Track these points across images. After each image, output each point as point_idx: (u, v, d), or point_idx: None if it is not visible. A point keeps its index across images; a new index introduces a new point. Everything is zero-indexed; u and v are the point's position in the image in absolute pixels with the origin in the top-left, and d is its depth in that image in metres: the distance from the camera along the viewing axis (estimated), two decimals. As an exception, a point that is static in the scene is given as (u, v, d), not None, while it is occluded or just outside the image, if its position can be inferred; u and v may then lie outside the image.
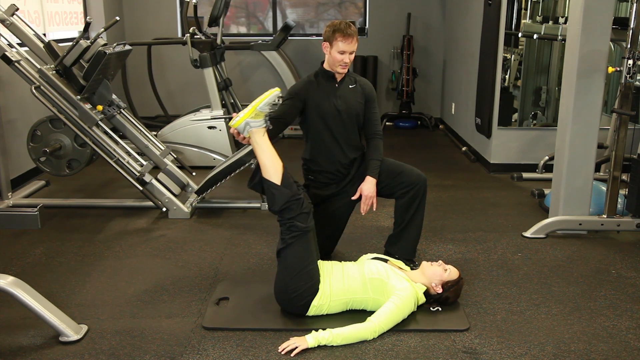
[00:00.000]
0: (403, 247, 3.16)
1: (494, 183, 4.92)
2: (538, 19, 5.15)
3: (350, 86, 3.08)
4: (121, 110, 4.30)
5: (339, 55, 2.96)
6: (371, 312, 2.58)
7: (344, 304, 2.67)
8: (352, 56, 2.98)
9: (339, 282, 2.66)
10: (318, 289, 2.62)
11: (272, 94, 2.68)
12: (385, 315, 2.51)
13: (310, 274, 2.61)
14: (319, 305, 2.62)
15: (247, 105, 2.71)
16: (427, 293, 2.72)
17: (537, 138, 5.14)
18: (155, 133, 4.95)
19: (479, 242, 3.62)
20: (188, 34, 5.45)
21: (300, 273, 2.59)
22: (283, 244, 2.62)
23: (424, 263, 2.80)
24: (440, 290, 2.71)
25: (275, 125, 2.94)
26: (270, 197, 2.65)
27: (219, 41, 5.67)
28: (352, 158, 3.13)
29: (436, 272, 2.72)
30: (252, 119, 2.66)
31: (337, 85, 3.07)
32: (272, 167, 2.65)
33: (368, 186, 3.05)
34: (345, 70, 3.03)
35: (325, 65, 3.06)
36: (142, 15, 7.06)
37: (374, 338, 2.48)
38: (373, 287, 2.65)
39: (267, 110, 2.69)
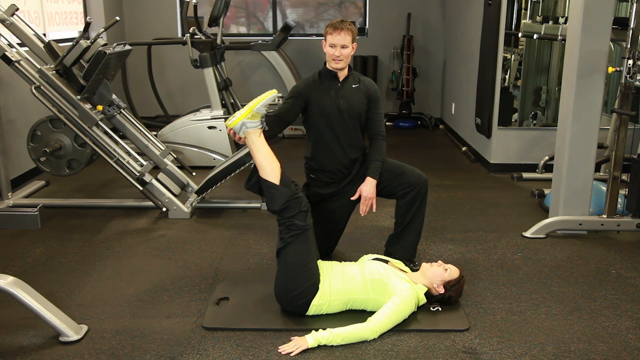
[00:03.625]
0: (403, 248, 3.16)
1: (494, 183, 4.92)
2: (538, 19, 5.15)
3: (353, 86, 3.08)
4: (121, 110, 4.30)
5: (330, 49, 2.97)
6: (371, 313, 2.58)
7: (344, 304, 2.67)
8: (346, 51, 2.97)
9: (339, 282, 2.66)
10: (318, 288, 2.62)
11: (270, 96, 2.68)
12: (385, 316, 2.51)
13: (310, 273, 2.61)
14: (318, 305, 2.62)
15: (245, 105, 2.72)
16: (429, 294, 2.73)
17: (537, 138, 5.14)
18: (155, 133, 4.95)
19: (479, 242, 3.62)
20: (188, 34, 5.45)
21: (300, 272, 2.59)
22: (282, 244, 2.61)
23: (423, 264, 2.79)
24: (442, 291, 2.71)
25: (277, 123, 2.96)
26: (269, 197, 2.65)
27: (219, 41, 5.67)
28: (354, 158, 3.13)
29: (437, 273, 2.72)
30: (248, 119, 2.67)
31: (339, 84, 3.07)
32: (270, 168, 2.65)
33: (367, 187, 3.05)
34: (340, 66, 3.02)
35: (327, 65, 3.07)
36: (142, 15, 7.06)
37: (374, 338, 2.48)
38: (373, 287, 2.65)
39: (264, 111, 2.70)
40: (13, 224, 3.37)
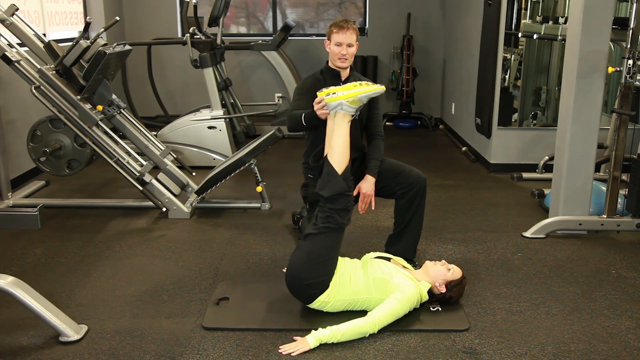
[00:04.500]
0: (403, 247, 3.17)
1: (494, 183, 4.92)
2: (538, 19, 5.16)
3: None
4: (121, 110, 4.30)
5: (336, 48, 2.98)
6: (372, 311, 2.58)
7: (347, 305, 2.66)
8: (351, 50, 2.99)
9: (346, 283, 2.65)
10: (328, 286, 2.61)
11: (378, 90, 2.68)
12: (385, 310, 2.51)
13: (328, 269, 2.61)
14: (324, 301, 2.62)
15: (345, 86, 2.67)
16: (430, 292, 2.73)
17: (537, 138, 5.14)
18: (155, 133, 4.95)
19: (479, 242, 3.61)
20: (188, 34, 5.45)
21: (321, 264, 2.59)
22: (315, 230, 2.61)
23: (427, 262, 2.80)
24: (443, 290, 2.71)
25: None
26: (324, 181, 2.64)
27: (219, 41, 5.68)
28: (352, 158, 3.12)
29: (439, 272, 2.72)
30: (348, 103, 2.65)
31: (341, 84, 3.07)
32: (340, 155, 2.65)
33: (366, 185, 3.05)
34: (345, 65, 3.03)
35: (330, 64, 3.07)
36: (142, 15, 7.06)
37: (373, 333, 2.48)
38: (376, 287, 2.64)
39: (365, 101, 2.70)
40: (13, 224, 3.37)
